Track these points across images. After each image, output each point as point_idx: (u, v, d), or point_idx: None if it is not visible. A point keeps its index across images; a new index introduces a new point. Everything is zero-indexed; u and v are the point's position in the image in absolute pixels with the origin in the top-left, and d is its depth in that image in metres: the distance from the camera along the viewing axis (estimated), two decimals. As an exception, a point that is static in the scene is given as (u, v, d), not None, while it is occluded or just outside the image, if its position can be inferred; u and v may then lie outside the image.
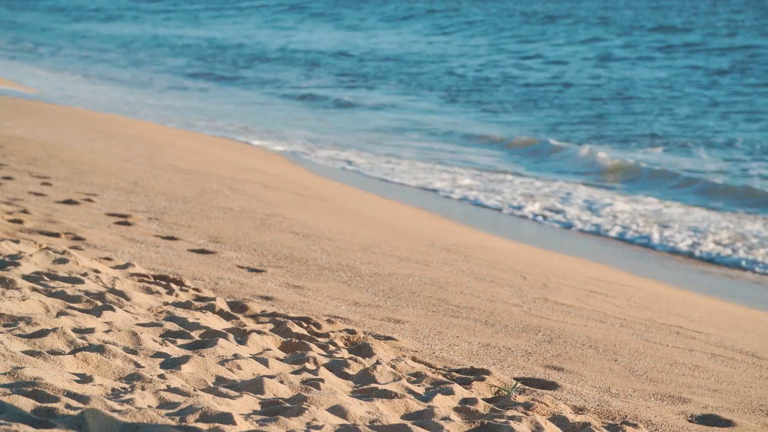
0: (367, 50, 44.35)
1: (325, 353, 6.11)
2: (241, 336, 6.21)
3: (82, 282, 6.92)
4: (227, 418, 4.63)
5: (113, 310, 6.25)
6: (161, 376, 5.16)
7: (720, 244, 14.56)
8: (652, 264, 13.28)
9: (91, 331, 5.79)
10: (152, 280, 7.45)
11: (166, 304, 6.82)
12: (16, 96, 23.42)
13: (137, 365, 5.32)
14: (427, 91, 33.22)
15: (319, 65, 40.07)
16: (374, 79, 36.02)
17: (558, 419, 5.36)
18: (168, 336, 6.04)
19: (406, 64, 39.88)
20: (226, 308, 6.91)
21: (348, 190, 15.57)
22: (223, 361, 5.60)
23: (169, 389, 4.96)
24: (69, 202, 10.05)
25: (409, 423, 4.92)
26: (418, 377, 5.91)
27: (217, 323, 6.52)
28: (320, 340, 6.42)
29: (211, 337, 6.07)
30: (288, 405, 4.96)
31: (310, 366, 5.75)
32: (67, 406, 4.53)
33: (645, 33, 46.39)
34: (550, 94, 32.31)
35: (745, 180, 19.78)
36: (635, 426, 5.49)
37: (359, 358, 5.98)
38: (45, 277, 6.90)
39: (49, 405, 4.52)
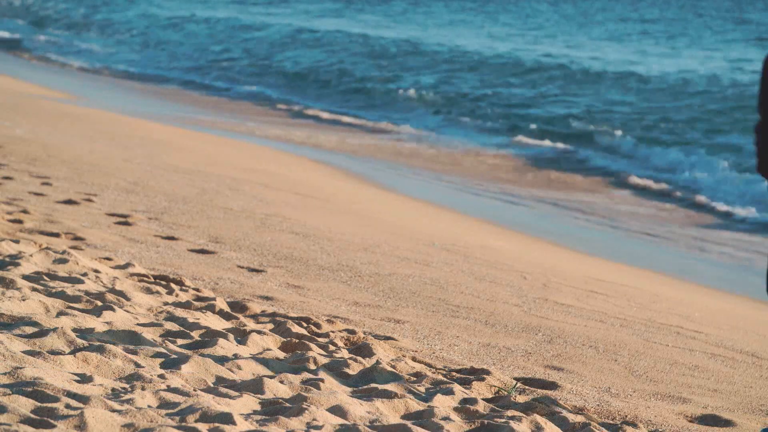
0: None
1: (325, 353, 6.11)
2: (241, 336, 6.21)
3: (82, 282, 6.92)
4: (227, 418, 4.64)
5: (113, 310, 6.25)
6: (161, 376, 5.16)
7: None
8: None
9: (91, 331, 5.79)
10: (152, 280, 7.45)
11: (166, 304, 6.82)
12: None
13: (137, 365, 5.33)
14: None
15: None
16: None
17: (558, 419, 5.36)
18: (168, 336, 6.04)
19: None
20: (226, 308, 6.90)
21: (349, 190, 15.57)
22: (223, 361, 5.60)
23: (169, 389, 4.96)
24: (69, 202, 10.05)
25: (409, 423, 4.92)
26: (418, 377, 5.91)
27: (217, 323, 6.52)
28: (320, 340, 6.42)
29: (211, 337, 6.07)
30: (288, 405, 4.96)
31: (310, 366, 5.76)
32: (67, 406, 4.54)
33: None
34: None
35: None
36: (635, 426, 5.49)
37: (359, 358, 5.98)
38: (45, 277, 6.90)
39: (49, 405, 4.52)
